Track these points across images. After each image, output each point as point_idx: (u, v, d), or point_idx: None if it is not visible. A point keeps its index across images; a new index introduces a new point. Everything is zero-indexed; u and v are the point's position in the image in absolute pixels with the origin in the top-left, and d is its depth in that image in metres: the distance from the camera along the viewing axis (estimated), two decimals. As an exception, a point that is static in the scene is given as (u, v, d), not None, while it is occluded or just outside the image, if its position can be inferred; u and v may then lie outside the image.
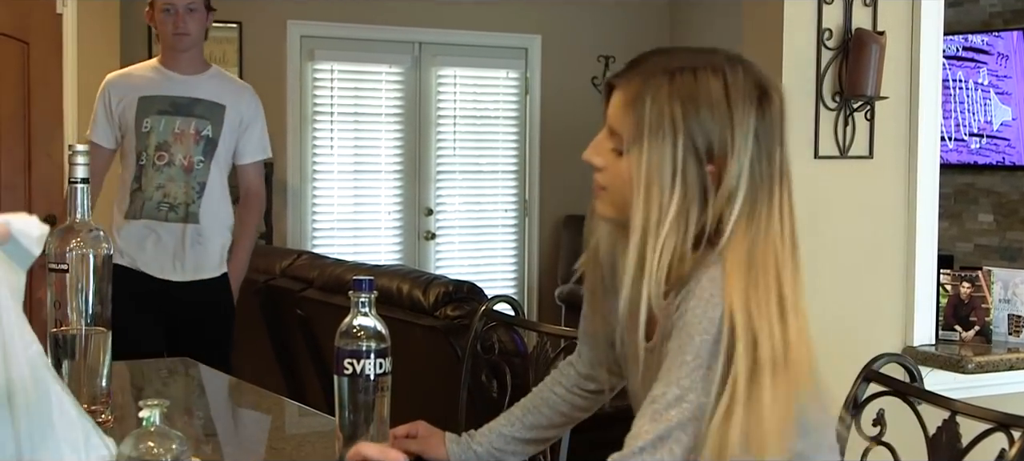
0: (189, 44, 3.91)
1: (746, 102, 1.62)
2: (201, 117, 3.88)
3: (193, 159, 3.85)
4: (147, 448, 1.50)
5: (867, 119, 3.66)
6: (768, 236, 1.62)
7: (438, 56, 7.76)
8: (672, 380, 1.57)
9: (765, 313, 1.58)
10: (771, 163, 1.64)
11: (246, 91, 4.05)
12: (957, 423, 1.96)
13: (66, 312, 2.03)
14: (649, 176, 1.62)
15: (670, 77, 1.63)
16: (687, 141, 1.61)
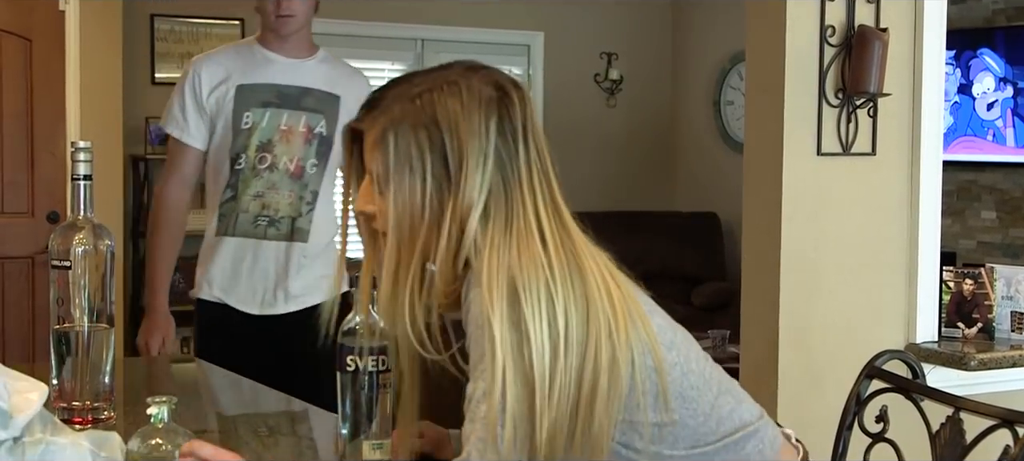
0: (294, 27, 3.29)
1: (485, 107, 1.63)
2: (312, 110, 3.27)
3: (302, 162, 3.24)
4: (155, 445, 1.51)
5: (870, 116, 3.66)
6: (527, 221, 1.62)
7: (441, 53, 7.75)
8: (476, 375, 1.56)
9: (542, 293, 1.55)
10: (516, 158, 1.64)
11: (359, 78, 3.45)
12: (961, 420, 1.97)
13: (69, 309, 2.03)
14: (403, 210, 1.62)
15: (410, 104, 1.64)
16: (435, 165, 1.61)
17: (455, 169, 1.61)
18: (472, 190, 1.61)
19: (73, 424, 1.96)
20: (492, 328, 1.53)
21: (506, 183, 1.63)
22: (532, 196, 1.64)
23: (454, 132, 1.61)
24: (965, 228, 7.39)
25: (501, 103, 1.64)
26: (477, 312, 1.56)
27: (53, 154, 5.37)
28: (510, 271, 1.56)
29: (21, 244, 5.37)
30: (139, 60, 6.72)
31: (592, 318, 1.57)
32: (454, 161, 1.61)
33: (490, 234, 1.60)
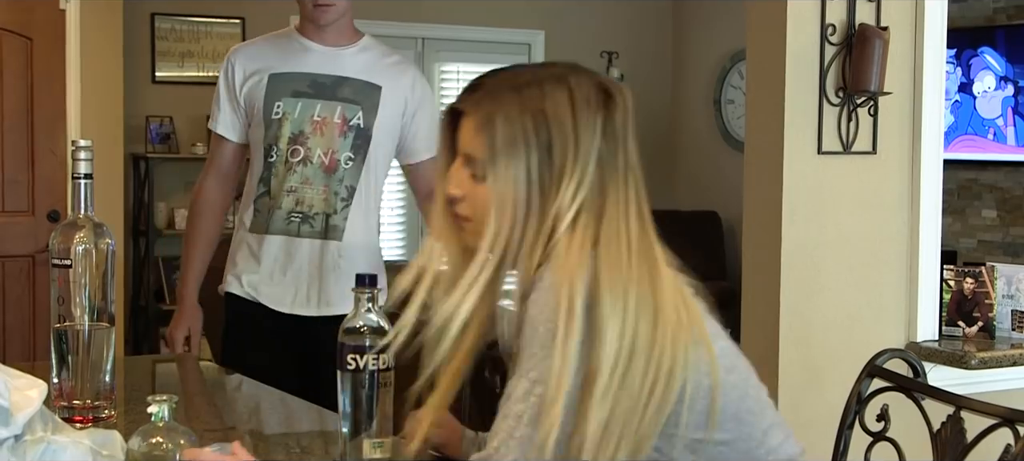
0: (334, 17, 3.09)
1: (592, 107, 1.64)
2: (349, 101, 3.08)
3: (337, 155, 3.05)
4: (155, 443, 1.51)
5: (870, 115, 3.66)
6: (617, 225, 1.63)
7: (441, 52, 7.75)
8: (522, 372, 1.57)
9: (620, 297, 1.56)
10: (616, 160, 1.65)
11: (410, 69, 3.24)
12: (962, 418, 1.97)
13: (69, 308, 2.03)
14: (504, 193, 1.63)
15: (518, 93, 1.66)
16: (541, 153, 1.63)
17: (559, 163, 1.62)
18: (571, 187, 1.62)
19: (74, 423, 1.96)
20: (561, 325, 1.53)
21: (603, 185, 1.64)
22: (625, 202, 1.65)
23: (561, 126, 1.63)
24: (966, 227, 7.39)
25: (606, 105, 1.66)
26: (540, 311, 1.56)
27: (54, 153, 5.37)
28: (593, 272, 1.56)
29: (21, 243, 5.37)
30: (140, 59, 6.72)
31: (660, 330, 1.57)
32: (558, 155, 1.62)
33: (577, 233, 1.61)
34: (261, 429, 2.27)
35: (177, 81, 6.90)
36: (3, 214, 5.35)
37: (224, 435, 2.08)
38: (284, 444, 2.12)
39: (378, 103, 3.07)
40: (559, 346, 1.53)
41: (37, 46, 5.33)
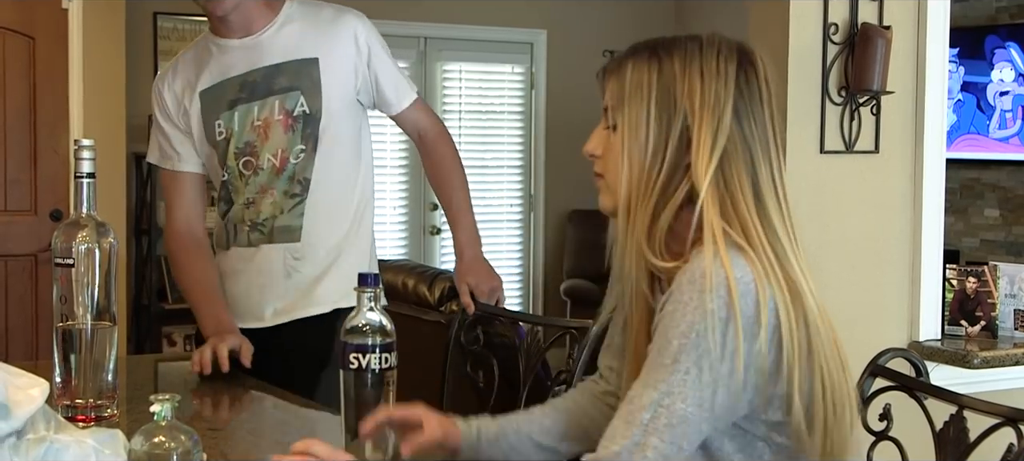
0: (231, 4, 2.68)
1: (724, 61, 1.62)
2: (286, 90, 2.73)
3: (287, 153, 2.73)
4: (157, 443, 1.50)
5: (873, 114, 3.66)
6: (772, 200, 1.62)
7: (444, 51, 7.76)
8: (649, 382, 1.54)
9: (777, 295, 1.55)
10: (757, 126, 1.63)
11: (345, 17, 2.81)
12: (964, 418, 1.96)
13: (72, 307, 2.04)
14: (631, 137, 1.63)
15: (652, 48, 1.66)
16: (663, 96, 1.61)
17: (685, 109, 1.60)
18: (705, 134, 1.59)
19: (76, 422, 1.96)
20: (694, 347, 1.51)
21: (746, 140, 1.61)
22: (772, 162, 1.63)
23: (686, 72, 1.61)
24: (968, 226, 7.39)
25: (742, 61, 1.63)
26: (678, 319, 1.53)
27: (56, 152, 5.37)
28: (748, 276, 1.54)
29: (24, 242, 5.37)
30: (142, 58, 6.72)
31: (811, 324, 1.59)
32: (685, 99, 1.60)
33: (722, 189, 1.59)
34: (262, 428, 2.27)
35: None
36: (5, 213, 5.35)
37: (228, 434, 2.08)
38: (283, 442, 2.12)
39: (319, 79, 2.73)
40: (704, 361, 1.51)
41: (39, 45, 5.33)
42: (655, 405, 1.52)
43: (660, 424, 1.52)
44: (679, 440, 1.52)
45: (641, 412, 1.53)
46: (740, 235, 1.57)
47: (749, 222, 1.59)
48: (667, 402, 1.52)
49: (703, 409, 1.52)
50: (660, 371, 1.53)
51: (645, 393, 1.53)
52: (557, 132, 7.98)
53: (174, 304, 6.68)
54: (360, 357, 1.80)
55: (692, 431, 1.53)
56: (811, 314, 1.57)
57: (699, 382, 1.51)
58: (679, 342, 1.52)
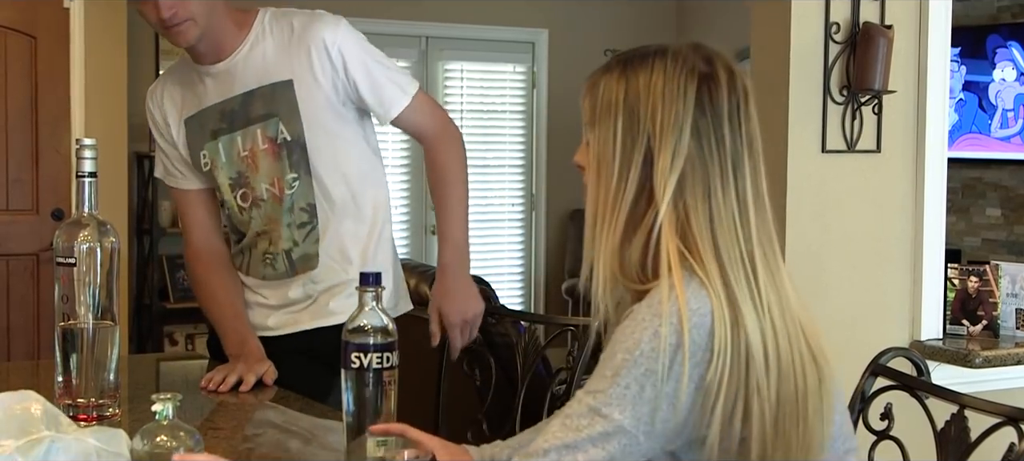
0: (194, 34, 2.47)
1: (685, 78, 1.60)
2: (264, 117, 2.55)
3: (283, 181, 2.58)
4: (159, 442, 1.51)
5: (875, 113, 3.66)
6: (727, 224, 1.59)
7: (445, 50, 7.76)
8: (590, 389, 1.55)
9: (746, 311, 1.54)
10: (717, 145, 1.60)
11: (314, 26, 2.55)
12: (965, 417, 1.96)
13: (74, 306, 2.04)
14: (599, 156, 1.64)
15: (624, 64, 1.65)
16: (628, 117, 1.61)
17: (647, 128, 1.60)
18: (665, 156, 1.58)
19: (78, 421, 1.96)
20: (639, 365, 1.51)
21: (704, 161, 1.59)
22: (733, 183, 1.60)
23: (649, 92, 1.61)
24: (970, 225, 7.39)
25: (705, 78, 1.61)
26: (628, 335, 1.53)
27: (58, 151, 5.38)
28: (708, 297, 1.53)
29: (26, 241, 5.37)
30: (144, 57, 6.71)
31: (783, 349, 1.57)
32: (646, 120, 1.60)
33: (681, 212, 1.58)
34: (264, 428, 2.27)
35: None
36: (7, 212, 5.35)
37: (230, 433, 2.08)
38: (285, 441, 2.12)
39: (296, 102, 2.53)
40: (650, 382, 1.50)
41: (41, 44, 5.33)
42: (592, 412, 1.53)
43: (595, 432, 1.52)
44: (612, 452, 1.52)
45: (578, 418, 1.53)
46: (693, 257, 1.56)
47: (700, 243, 1.57)
48: (605, 411, 1.52)
49: (641, 423, 1.51)
50: (601, 381, 1.53)
51: (584, 399, 1.54)
52: (558, 131, 7.99)
53: (176, 303, 6.68)
54: (361, 356, 1.80)
55: (629, 443, 1.52)
56: (753, 344, 1.53)
57: (639, 398, 1.51)
58: (623, 357, 1.52)
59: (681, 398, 1.51)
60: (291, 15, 2.59)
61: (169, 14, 2.40)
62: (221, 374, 2.45)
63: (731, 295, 1.54)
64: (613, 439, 1.51)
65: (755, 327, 1.54)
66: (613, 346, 1.54)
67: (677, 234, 1.57)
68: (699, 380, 1.51)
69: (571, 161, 1.75)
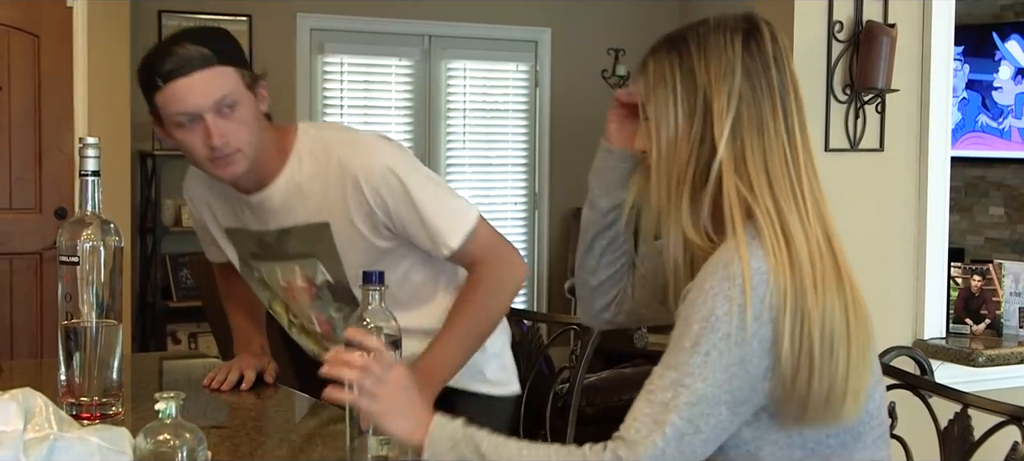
0: (243, 167, 2.26)
1: (730, 33, 1.71)
2: (303, 256, 2.37)
3: (323, 316, 2.45)
4: (162, 440, 1.51)
5: (878, 112, 3.66)
6: (779, 155, 1.68)
7: (448, 49, 7.76)
8: (669, 363, 1.61)
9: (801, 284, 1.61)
10: (767, 86, 1.69)
11: (348, 168, 2.28)
12: (969, 416, 1.96)
13: (77, 305, 2.04)
14: (659, 123, 1.71)
15: (668, 41, 1.75)
16: (683, 76, 1.70)
17: (702, 82, 1.69)
18: (719, 100, 1.67)
19: (81, 420, 1.96)
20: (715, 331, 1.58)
21: (756, 99, 1.69)
22: (783, 119, 1.70)
23: (701, 49, 1.70)
24: (973, 224, 7.38)
25: (749, 31, 1.72)
26: (699, 305, 1.60)
27: (61, 150, 5.38)
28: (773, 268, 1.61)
29: (29, 240, 5.37)
30: (147, 56, 6.72)
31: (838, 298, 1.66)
32: (700, 71, 1.69)
33: (738, 150, 1.67)
34: (267, 426, 2.27)
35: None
36: (10, 211, 5.36)
37: (233, 432, 2.08)
38: (288, 439, 2.12)
39: (334, 244, 2.33)
40: (725, 346, 1.58)
41: (44, 43, 5.33)
42: (675, 385, 1.59)
43: (679, 402, 1.58)
44: (697, 420, 1.58)
45: (661, 392, 1.59)
46: (751, 194, 1.65)
47: (755, 178, 1.66)
48: (687, 381, 1.58)
49: (722, 391, 1.58)
50: (680, 354, 1.60)
51: (666, 374, 1.60)
52: (561, 130, 7.98)
53: (179, 302, 6.68)
54: (365, 353, 1.80)
55: (711, 412, 1.58)
56: (804, 269, 1.63)
57: (718, 364, 1.57)
58: (699, 326, 1.59)
59: (754, 360, 1.58)
60: (329, 140, 2.34)
61: (220, 142, 2.20)
62: (223, 372, 2.45)
63: (787, 230, 1.64)
64: (697, 407, 1.58)
65: (805, 257, 1.63)
66: (686, 317, 1.61)
67: (735, 172, 1.66)
68: (767, 340, 1.58)
69: (635, 149, 1.81)
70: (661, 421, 1.58)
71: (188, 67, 2.18)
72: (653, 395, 1.60)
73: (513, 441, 1.67)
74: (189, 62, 2.18)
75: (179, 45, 2.21)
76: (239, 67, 2.24)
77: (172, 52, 2.19)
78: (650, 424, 1.58)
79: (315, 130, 2.37)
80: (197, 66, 2.18)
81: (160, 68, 2.18)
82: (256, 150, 2.25)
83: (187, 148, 2.25)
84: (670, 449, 1.57)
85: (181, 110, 2.18)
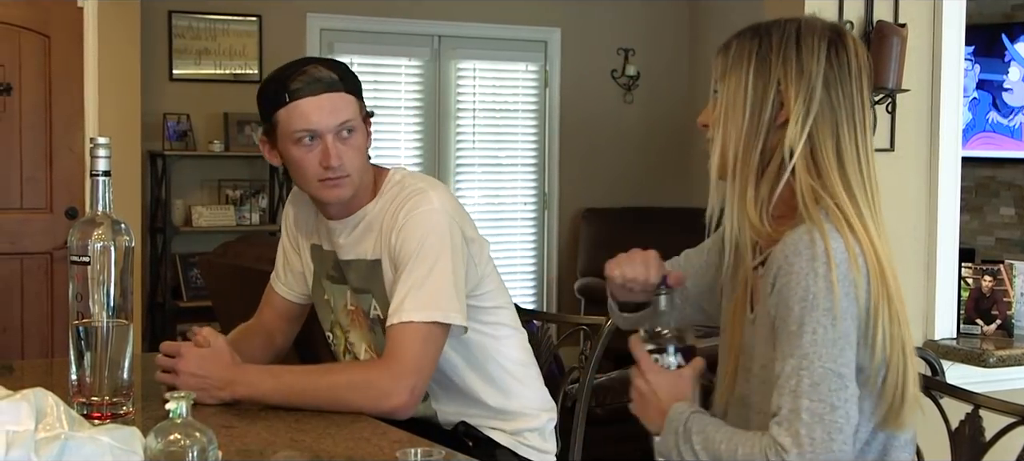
0: (350, 192, 2.35)
1: (817, 39, 1.79)
2: (359, 290, 2.46)
3: (375, 350, 2.47)
4: (173, 440, 1.51)
5: (888, 112, 3.65)
6: (852, 158, 1.78)
7: (457, 49, 7.76)
8: (785, 352, 1.68)
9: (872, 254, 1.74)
10: (844, 97, 1.78)
11: (401, 207, 2.35)
12: (980, 417, 1.96)
13: (88, 304, 2.04)
14: (730, 102, 1.81)
15: (755, 28, 1.84)
16: (760, 64, 1.79)
17: (779, 77, 1.78)
18: (797, 99, 1.76)
19: (92, 419, 1.96)
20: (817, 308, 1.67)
21: (832, 106, 1.77)
22: (856, 128, 1.79)
23: (783, 47, 1.79)
24: (984, 224, 7.36)
25: (834, 39, 1.80)
26: (793, 287, 1.68)
27: (71, 150, 5.40)
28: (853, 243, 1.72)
29: (40, 240, 5.39)
30: (157, 56, 6.73)
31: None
32: (778, 70, 1.78)
33: (810, 150, 1.77)
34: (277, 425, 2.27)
35: (194, 78, 6.91)
36: (21, 211, 5.38)
37: (243, 431, 2.09)
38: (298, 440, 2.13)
39: (384, 284, 2.38)
40: (831, 322, 1.67)
41: (55, 44, 5.35)
42: (796, 371, 1.66)
43: (804, 386, 1.65)
44: (827, 397, 1.64)
45: (786, 380, 1.67)
46: (825, 190, 1.75)
47: (832, 182, 1.76)
48: (805, 364, 1.65)
49: (839, 364, 1.66)
50: (790, 339, 1.68)
51: (786, 363, 1.68)
52: (571, 130, 7.98)
53: (189, 301, 6.70)
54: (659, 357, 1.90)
55: (838, 386, 1.65)
56: (886, 269, 1.75)
57: (826, 339, 1.66)
58: (800, 307, 1.67)
59: (850, 336, 1.68)
60: (409, 189, 2.38)
61: (337, 163, 2.29)
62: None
63: (864, 224, 1.75)
64: (822, 386, 1.65)
65: (883, 249, 1.76)
66: (785, 302, 1.69)
67: (806, 168, 1.76)
68: (855, 316, 1.68)
69: (697, 122, 1.91)
70: (795, 409, 1.64)
71: (318, 87, 2.30)
72: (781, 388, 1.67)
73: (722, 430, 1.76)
74: (319, 82, 2.31)
75: (310, 66, 2.34)
76: (359, 98, 2.37)
77: (304, 71, 2.32)
78: (788, 415, 1.65)
79: (401, 176, 2.44)
80: (325, 88, 2.31)
81: (290, 85, 2.31)
82: (360, 179, 2.36)
83: (301, 167, 2.33)
84: (816, 432, 1.63)
85: (306, 127, 2.30)
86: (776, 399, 1.68)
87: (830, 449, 1.63)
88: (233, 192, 6.90)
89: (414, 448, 1.64)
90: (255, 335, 2.64)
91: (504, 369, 2.49)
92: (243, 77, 6.98)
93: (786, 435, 1.64)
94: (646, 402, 1.87)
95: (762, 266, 1.82)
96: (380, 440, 2.04)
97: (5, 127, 5.29)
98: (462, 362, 2.44)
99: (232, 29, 7.00)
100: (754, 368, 1.82)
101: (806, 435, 1.63)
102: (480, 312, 2.42)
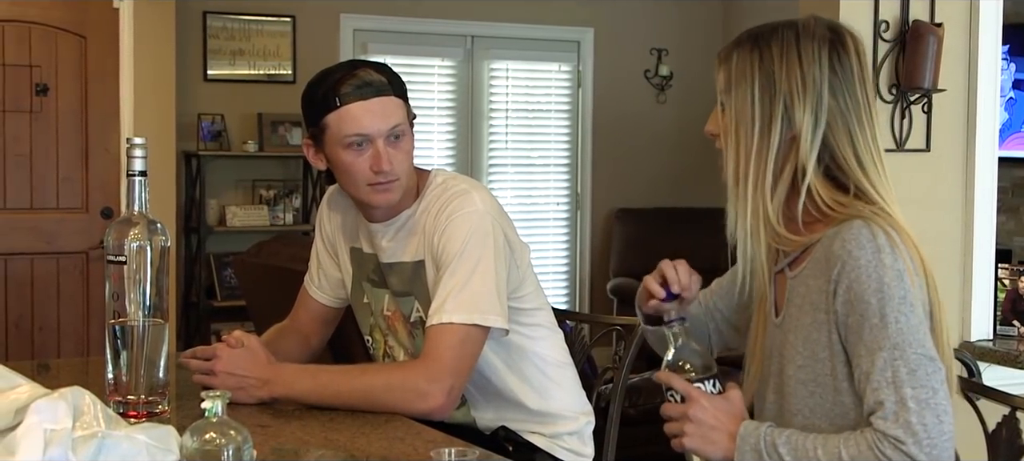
0: (397, 196, 2.36)
1: (817, 46, 1.80)
2: (401, 294, 2.45)
3: (413, 353, 2.46)
4: (208, 439, 1.51)
5: (924, 112, 3.63)
6: (869, 157, 1.83)
7: (490, 49, 7.76)
8: (873, 346, 1.69)
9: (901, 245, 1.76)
10: (851, 98, 1.80)
11: (444, 212, 2.34)
12: (1017, 419, 1.94)
13: (124, 304, 2.05)
14: (738, 118, 1.83)
15: (754, 38, 1.85)
16: (764, 79, 1.80)
17: (784, 88, 1.80)
18: (806, 111, 1.79)
19: (128, 418, 1.97)
20: (890, 299, 1.70)
21: (842, 111, 1.80)
22: (867, 126, 1.83)
23: (784, 56, 1.81)
24: (1020, 225, 7.30)
25: (834, 43, 1.82)
26: (865, 284, 1.71)
27: (107, 150, 5.43)
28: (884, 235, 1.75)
29: (76, 239, 5.43)
30: (192, 57, 6.77)
31: None
32: (783, 81, 1.80)
33: (827, 158, 1.80)
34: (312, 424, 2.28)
35: (228, 79, 6.95)
36: (58, 211, 5.41)
37: (278, 430, 2.09)
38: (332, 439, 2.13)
39: (425, 279, 2.37)
40: (901, 310, 1.70)
41: (91, 45, 5.39)
42: (890, 363, 1.67)
43: (903, 376, 1.66)
44: (927, 382, 1.66)
45: (882, 374, 1.68)
46: (851, 197, 1.78)
47: (858, 181, 1.80)
48: (898, 354, 1.67)
49: (927, 347, 1.68)
50: (875, 332, 1.69)
51: (877, 357, 1.69)
52: (604, 130, 7.97)
53: (223, 301, 6.73)
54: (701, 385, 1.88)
55: (933, 370, 1.67)
56: (928, 265, 1.80)
57: (910, 325, 1.68)
58: (877, 299, 1.69)
59: (925, 319, 1.72)
60: (452, 191, 2.38)
61: (388, 167, 2.30)
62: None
63: (893, 216, 1.79)
64: (919, 372, 1.66)
65: (909, 240, 1.79)
66: (860, 297, 1.70)
67: (827, 177, 1.80)
68: (925, 300, 1.74)
69: (704, 131, 1.94)
70: (898, 401, 1.65)
71: (368, 91, 2.31)
72: (878, 383, 1.67)
73: (810, 438, 1.75)
74: (369, 86, 2.31)
75: (359, 69, 2.34)
76: (405, 102, 2.38)
77: (353, 75, 2.32)
78: (893, 409, 1.66)
79: (442, 177, 2.44)
80: (376, 92, 2.32)
81: (340, 89, 2.30)
82: (407, 183, 2.37)
83: (351, 171, 2.32)
84: (927, 418, 1.64)
85: (357, 131, 2.29)
86: (872, 395, 1.68)
87: (942, 432, 1.65)
88: (267, 192, 6.94)
89: (448, 448, 1.64)
90: (291, 335, 2.66)
91: (542, 372, 2.49)
92: (277, 77, 7.01)
93: (898, 427, 1.65)
94: (707, 429, 1.83)
95: (789, 268, 1.83)
96: (415, 440, 2.04)
97: (42, 127, 5.33)
98: (502, 364, 2.44)
99: (266, 30, 7.03)
100: (788, 370, 1.81)
101: (918, 423, 1.64)
102: (520, 314, 2.42)
